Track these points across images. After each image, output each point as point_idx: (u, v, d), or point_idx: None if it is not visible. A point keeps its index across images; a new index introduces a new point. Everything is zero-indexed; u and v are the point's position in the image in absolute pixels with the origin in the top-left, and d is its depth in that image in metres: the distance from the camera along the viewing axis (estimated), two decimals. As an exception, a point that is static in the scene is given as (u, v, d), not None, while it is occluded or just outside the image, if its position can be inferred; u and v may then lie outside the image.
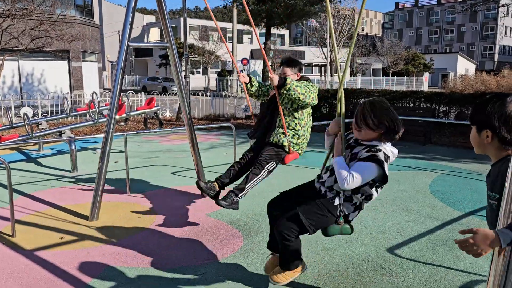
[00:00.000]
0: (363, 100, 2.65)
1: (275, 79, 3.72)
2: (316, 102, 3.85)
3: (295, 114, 3.90)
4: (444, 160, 7.71)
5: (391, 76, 41.40)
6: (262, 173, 3.91)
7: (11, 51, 12.58)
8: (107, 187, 5.36)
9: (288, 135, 3.91)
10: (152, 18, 54.67)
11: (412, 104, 11.11)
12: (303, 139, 3.99)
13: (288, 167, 6.74)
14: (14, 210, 4.07)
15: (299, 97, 3.71)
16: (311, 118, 4.07)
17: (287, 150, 3.93)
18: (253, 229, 4.27)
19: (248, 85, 4.17)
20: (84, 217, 4.61)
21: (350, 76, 43.46)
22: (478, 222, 4.46)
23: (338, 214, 2.61)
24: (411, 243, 3.89)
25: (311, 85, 3.86)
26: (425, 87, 39.49)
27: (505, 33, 59.80)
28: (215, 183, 4.03)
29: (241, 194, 3.87)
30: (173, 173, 6.74)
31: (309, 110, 4.00)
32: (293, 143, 3.93)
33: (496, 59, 58.38)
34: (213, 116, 14.73)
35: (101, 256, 3.66)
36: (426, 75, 43.13)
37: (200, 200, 5.26)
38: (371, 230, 4.20)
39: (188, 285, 3.15)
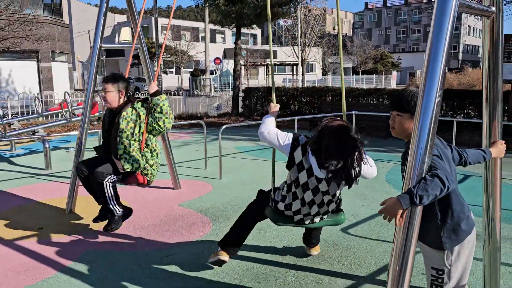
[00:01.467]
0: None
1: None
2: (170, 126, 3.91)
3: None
4: (401, 152, 8.26)
5: (361, 74, 42.52)
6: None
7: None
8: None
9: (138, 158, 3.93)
10: (123, 18, 54.08)
11: (376, 101, 11.71)
12: (154, 167, 4.07)
13: (250, 161, 7.14)
14: (-8, 203, 4.28)
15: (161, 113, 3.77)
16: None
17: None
18: (221, 216, 4.63)
19: None
20: (61, 210, 4.85)
21: (322, 75, 44.38)
22: (424, 205, 4.97)
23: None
24: (362, 223, 4.34)
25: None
26: (393, 85, 40.78)
27: (468, 33, 62.24)
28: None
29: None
30: (146, 169, 7.00)
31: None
32: (135, 167, 3.95)
33: (460, 57, 60.69)
34: (186, 115, 14.96)
35: (79, 242, 3.93)
36: (395, 73, 44.52)
37: (172, 193, 5.57)
38: (328, 214, 4.63)
39: (161, 264, 3.48)
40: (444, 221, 2.11)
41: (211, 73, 37.60)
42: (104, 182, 3.75)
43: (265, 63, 42.02)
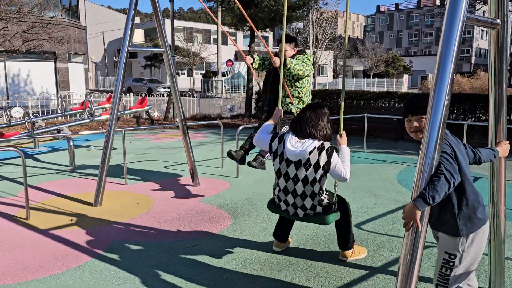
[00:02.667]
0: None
1: (277, 61, 4.41)
2: (312, 72, 4.62)
3: (297, 84, 4.67)
4: (412, 154, 8.45)
5: (372, 77, 42.55)
6: None
7: (1, 53, 12.90)
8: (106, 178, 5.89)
9: (294, 102, 4.69)
10: (136, 20, 54.74)
11: (387, 104, 11.88)
12: (307, 103, 4.73)
13: (268, 161, 7.38)
14: (28, 196, 4.60)
15: (298, 73, 4.48)
16: (310, 83, 4.82)
17: (295, 115, 4.62)
18: (240, 211, 4.88)
19: (253, 64, 4.83)
20: (89, 204, 5.15)
21: (333, 77, 44.49)
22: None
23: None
24: (375, 220, 4.56)
25: (307, 58, 4.63)
26: (404, 88, 40.74)
27: (481, 37, 61.79)
28: (241, 150, 4.88)
29: (266, 156, 4.65)
30: (165, 167, 7.30)
31: (307, 78, 4.73)
32: (300, 108, 4.65)
33: (473, 61, 60.28)
34: (200, 116, 15.27)
35: (108, 233, 4.22)
36: (406, 77, 44.45)
37: (192, 189, 5.84)
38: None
39: (187, 253, 3.75)
40: (460, 209, 2.29)
41: (223, 75, 37.95)
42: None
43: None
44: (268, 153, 3.88)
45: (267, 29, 14.70)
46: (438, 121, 2.15)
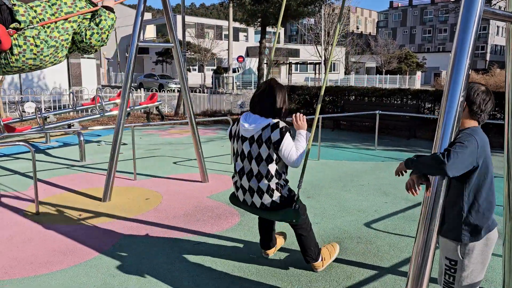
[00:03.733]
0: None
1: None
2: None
3: None
4: (425, 152, 8.32)
5: (385, 74, 42.11)
6: None
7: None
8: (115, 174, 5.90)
9: None
10: (148, 15, 54.98)
11: (399, 101, 11.72)
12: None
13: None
14: (37, 191, 4.61)
15: None
16: None
17: None
18: (249, 208, 4.83)
19: None
20: (98, 199, 5.16)
21: (344, 74, 44.16)
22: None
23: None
24: (385, 219, 4.48)
25: None
26: (417, 85, 40.24)
27: (497, 33, 60.71)
28: None
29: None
30: (174, 163, 7.29)
31: None
32: None
33: (488, 58, 59.30)
34: (210, 112, 15.26)
35: (116, 229, 4.21)
36: (419, 73, 43.90)
37: (200, 185, 5.82)
38: (352, 209, 4.79)
39: (194, 250, 3.72)
40: (469, 214, 2.16)
41: (234, 71, 37.93)
42: None
43: (288, 62, 42.08)
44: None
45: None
46: (452, 118, 2.07)
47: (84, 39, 3.20)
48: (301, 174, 3.06)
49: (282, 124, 2.93)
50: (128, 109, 9.25)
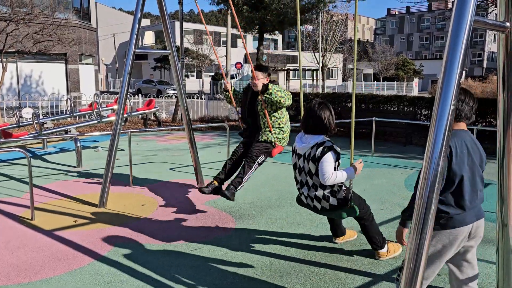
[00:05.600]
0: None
1: (260, 85, 4.33)
2: (291, 102, 4.46)
3: (275, 114, 4.49)
4: (421, 159, 8.34)
5: (382, 81, 42.27)
6: (254, 166, 4.51)
7: (13, 54, 13.07)
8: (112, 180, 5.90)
9: (274, 133, 4.50)
10: (146, 22, 55.18)
11: (396, 108, 11.77)
12: (287, 133, 4.62)
13: (269, 164, 7.35)
14: (33, 197, 4.61)
15: (279, 100, 4.31)
16: (287, 113, 4.66)
17: (274, 145, 4.53)
18: (244, 215, 4.84)
19: (231, 90, 4.82)
20: (93, 205, 5.16)
21: (342, 80, 44.31)
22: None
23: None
24: (381, 226, 4.47)
25: (283, 90, 4.46)
26: (415, 92, 40.39)
27: (494, 40, 61.10)
28: (215, 181, 4.63)
29: (239, 187, 4.45)
30: (171, 169, 7.29)
31: (285, 108, 4.58)
32: (279, 138, 4.54)
33: (485, 65, 59.62)
34: (208, 118, 15.28)
35: (112, 235, 4.21)
36: (416, 80, 44.07)
37: (197, 192, 5.81)
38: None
39: (190, 256, 3.72)
40: (440, 205, 2.32)
41: (232, 77, 38.02)
42: (257, 161, 4.51)
43: (285, 68, 42.21)
44: (241, 185, 4.47)
45: (276, 32, 14.70)
46: (444, 126, 2.09)
47: (280, 104, 4.45)
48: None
49: (328, 143, 3.28)
50: (126, 115, 9.26)
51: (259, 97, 4.45)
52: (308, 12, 13.71)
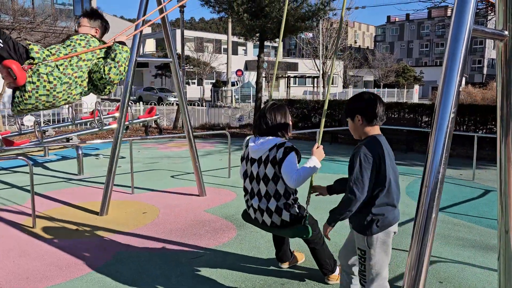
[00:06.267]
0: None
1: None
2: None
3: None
4: (422, 166, 8.33)
5: (382, 88, 42.36)
6: None
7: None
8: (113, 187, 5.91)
9: None
10: (147, 29, 55.48)
11: (396, 115, 11.79)
12: None
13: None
14: (34, 205, 4.62)
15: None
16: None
17: None
18: (245, 223, 4.82)
19: None
20: (95, 213, 5.16)
21: (343, 87, 44.43)
22: (444, 218, 5.07)
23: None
24: (382, 233, 4.48)
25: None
26: (415, 99, 40.46)
27: (493, 47, 61.29)
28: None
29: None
30: (172, 177, 7.30)
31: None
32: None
33: (485, 72, 59.78)
34: (209, 125, 15.32)
35: (114, 243, 4.21)
36: (417, 87, 44.16)
37: (198, 199, 5.82)
38: (348, 224, 4.78)
39: (190, 265, 3.71)
40: (371, 209, 2.49)
41: (233, 84, 38.15)
42: None
43: (286, 75, 42.36)
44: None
45: (277, 39, 14.76)
46: (444, 135, 2.11)
47: (103, 75, 3.24)
48: (309, 190, 3.01)
49: (287, 144, 2.99)
50: (127, 122, 9.29)
51: None
52: (308, 20, 13.78)
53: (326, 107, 3.20)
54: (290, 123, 3.14)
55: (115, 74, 3.27)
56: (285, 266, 3.65)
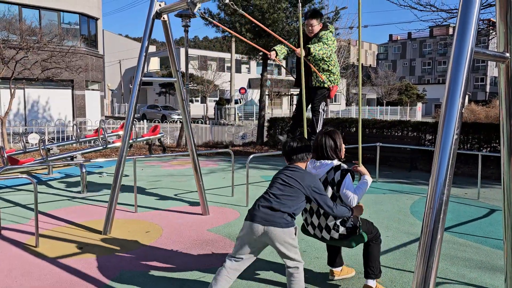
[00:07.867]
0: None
1: (302, 52, 4.51)
2: (335, 45, 4.91)
3: (325, 59, 4.90)
4: (426, 184, 8.30)
5: (385, 105, 42.48)
6: (320, 114, 5.18)
7: (21, 80, 13.32)
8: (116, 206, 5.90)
9: (325, 77, 4.96)
10: (152, 48, 56.19)
11: (400, 133, 11.80)
12: (337, 73, 5.03)
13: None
14: (38, 224, 4.62)
15: (323, 57, 4.83)
16: (335, 54, 5.11)
17: (329, 88, 5.02)
18: (249, 242, 4.80)
19: (279, 56, 5.03)
20: (98, 232, 5.15)
21: (346, 105, 44.58)
22: (449, 238, 5.02)
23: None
24: (387, 253, 4.44)
25: (329, 34, 4.89)
26: (418, 117, 40.51)
27: (496, 65, 61.57)
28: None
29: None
30: (175, 195, 7.29)
31: (332, 50, 4.95)
32: (331, 80, 4.97)
33: (487, 90, 59.90)
34: (212, 143, 15.35)
35: (117, 262, 4.19)
36: (420, 105, 44.27)
37: (201, 218, 5.80)
38: (353, 243, 4.75)
39: (192, 286, 3.68)
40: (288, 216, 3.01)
41: (236, 102, 38.37)
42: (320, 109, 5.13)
43: (289, 93, 42.58)
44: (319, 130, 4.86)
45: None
46: (447, 156, 2.12)
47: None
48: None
49: (343, 166, 3.34)
50: (131, 141, 9.33)
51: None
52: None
53: (360, 125, 3.67)
54: (343, 145, 3.46)
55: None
56: (336, 275, 3.80)
